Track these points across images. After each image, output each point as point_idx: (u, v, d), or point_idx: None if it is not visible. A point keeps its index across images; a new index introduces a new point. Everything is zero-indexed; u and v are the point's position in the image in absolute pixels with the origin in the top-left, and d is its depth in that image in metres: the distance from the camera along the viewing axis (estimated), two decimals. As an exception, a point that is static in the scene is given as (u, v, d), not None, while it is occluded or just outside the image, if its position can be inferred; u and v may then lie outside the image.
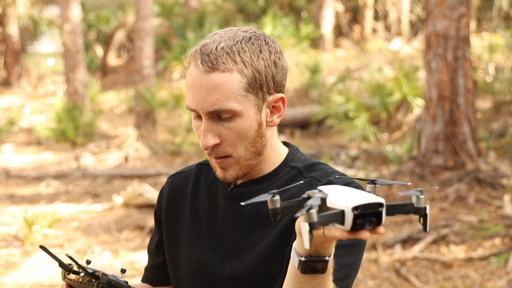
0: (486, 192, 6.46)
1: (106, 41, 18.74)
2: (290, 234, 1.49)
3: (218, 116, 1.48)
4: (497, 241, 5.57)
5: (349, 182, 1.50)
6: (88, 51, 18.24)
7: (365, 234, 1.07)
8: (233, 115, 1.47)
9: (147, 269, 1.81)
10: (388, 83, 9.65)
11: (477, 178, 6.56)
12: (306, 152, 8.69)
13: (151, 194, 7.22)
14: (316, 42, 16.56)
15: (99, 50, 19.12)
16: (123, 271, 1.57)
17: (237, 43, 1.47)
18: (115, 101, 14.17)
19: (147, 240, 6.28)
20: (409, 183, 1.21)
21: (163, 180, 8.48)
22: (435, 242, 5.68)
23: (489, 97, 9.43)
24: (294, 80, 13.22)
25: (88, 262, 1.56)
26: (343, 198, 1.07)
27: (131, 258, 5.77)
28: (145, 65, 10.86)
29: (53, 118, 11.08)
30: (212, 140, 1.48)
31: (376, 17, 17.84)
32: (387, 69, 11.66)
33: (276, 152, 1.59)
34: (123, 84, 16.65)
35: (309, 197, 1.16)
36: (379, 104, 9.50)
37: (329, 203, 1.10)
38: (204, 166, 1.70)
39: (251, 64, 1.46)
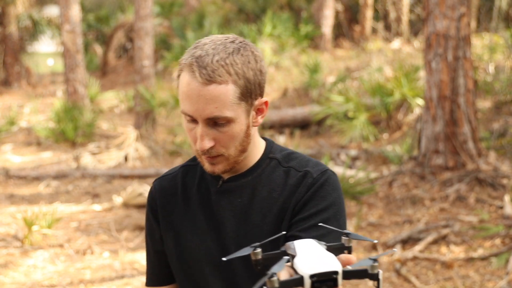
0: (486, 192, 6.45)
1: (105, 41, 18.73)
2: (282, 219, 1.68)
3: (213, 122, 1.63)
4: (498, 241, 5.57)
5: (324, 170, 1.70)
6: (88, 51, 18.24)
7: None
8: (228, 121, 1.63)
9: (155, 273, 1.91)
10: (388, 83, 9.63)
11: (478, 178, 6.55)
12: (306, 152, 8.68)
13: (151, 194, 7.21)
14: (316, 42, 16.55)
15: (98, 50, 19.11)
16: None
17: (229, 55, 1.61)
18: (114, 101, 14.16)
19: (147, 240, 6.27)
20: (375, 241, 1.31)
21: (163, 180, 8.47)
22: (435, 242, 5.67)
23: (490, 97, 9.43)
24: (294, 80, 13.21)
25: None
26: (304, 264, 1.22)
27: (130, 258, 5.76)
28: (145, 65, 10.85)
29: (53, 118, 11.07)
30: (208, 144, 1.64)
31: (376, 17, 17.84)
32: (387, 69, 11.65)
33: (257, 146, 1.76)
34: (123, 84, 16.64)
35: (285, 251, 1.30)
36: (379, 104, 9.49)
37: (294, 265, 1.24)
38: (189, 167, 1.85)
39: (243, 75, 1.62)
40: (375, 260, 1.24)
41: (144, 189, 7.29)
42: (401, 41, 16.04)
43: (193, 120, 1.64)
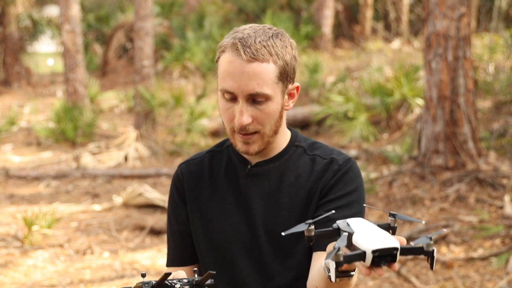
0: (486, 192, 6.45)
1: (105, 41, 18.72)
2: (310, 202, 1.81)
3: (253, 99, 1.74)
4: (498, 241, 5.57)
5: (348, 158, 1.84)
6: (88, 51, 18.23)
7: (380, 272, 1.29)
8: (266, 99, 1.74)
9: (178, 253, 1.96)
10: (388, 83, 9.63)
11: (478, 178, 6.55)
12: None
13: (151, 194, 7.21)
14: (316, 42, 16.55)
15: (98, 50, 19.11)
16: (143, 275, 1.64)
17: (269, 38, 1.74)
18: (114, 101, 14.15)
19: (147, 240, 6.27)
20: (423, 222, 1.38)
21: (163, 180, 8.47)
22: (435, 242, 5.67)
23: (490, 97, 9.42)
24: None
25: (143, 275, 1.62)
26: (365, 239, 1.30)
27: (130, 258, 5.76)
28: (145, 65, 10.84)
29: (53, 118, 11.07)
30: (247, 120, 1.74)
31: (376, 16, 17.83)
32: (387, 69, 11.65)
33: (284, 134, 1.86)
34: (123, 84, 16.63)
35: (338, 228, 1.39)
36: (379, 104, 9.49)
37: (354, 241, 1.32)
38: (215, 152, 1.94)
39: (282, 57, 1.75)
40: (430, 238, 1.32)
41: (144, 189, 7.29)
42: (401, 41, 16.03)
43: (232, 99, 1.75)
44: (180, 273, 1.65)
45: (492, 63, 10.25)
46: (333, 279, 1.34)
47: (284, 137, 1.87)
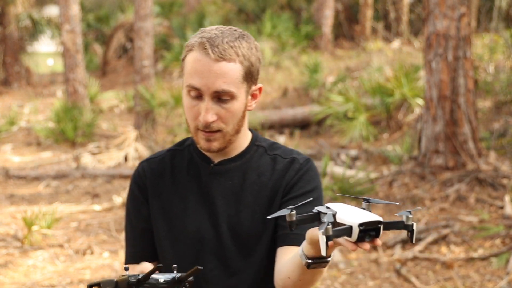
0: (486, 192, 6.45)
1: (105, 41, 18.72)
2: (273, 199, 1.86)
3: (218, 97, 1.79)
4: (498, 241, 5.56)
5: (307, 158, 1.91)
6: (88, 51, 18.22)
7: (366, 246, 1.37)
8: (231, 97, 1.79)
9: (138, 250, 1.97)
10: (388, 83, 9.62)
11: (478, 178, 6.54)
12: (306, 152, 8.67)
13: (151, 194, 7.20)
14: (316, 42, 16.54)
15: (98, 50, 19.10)
16: (126, 269, 1.67)
17: (236, 39, 1.79)
18: (114, 101, 14.15)
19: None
20: (397, 203, 1.53)
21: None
22: (435, 242, 5.67)
23: (490, 97, 9.42)
24: (294, 80, 13.20)
25: (126, 268, 1.66)
26: (350, 216, 1.37)
27: (130, 259, 5.75)
28: (145, 65, 10.84)
29: (53, 118, 11.06)
30: (212, 117, 1.79)
31: (377, 16, 17.83)
32: (387, 69, 11.65)
33: (245, 134, 1.92)
34: (123, 84, 16.63)
35: (318, 212, 1.45)
36: (379, 104, 9.48)
37: (338, 219, 1.39)
38: (176, 151, 1.97)
39: (248, 59, 1.80)
40: (410, 212, 1.40)
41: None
42: (401, 41, 16.03)
43: (198, 96, 1.80)
44: (145, 265, 1.69)
45: (492, 63, 10.24)
46: (323, 252, 1.38)
47: (245, 137, 1.92)
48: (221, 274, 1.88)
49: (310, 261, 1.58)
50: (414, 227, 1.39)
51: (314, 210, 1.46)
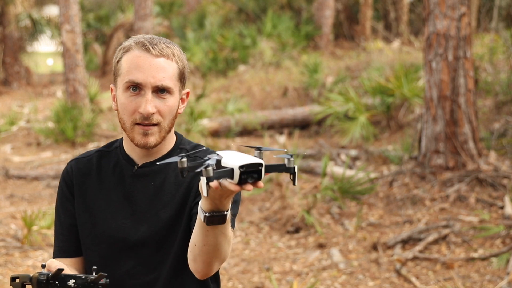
0: (487, 192, 6.44)
1: (105, 40, 18.72)
2: (188, 196, 1.96)
3: (157, 92, 1.91)
4: (498, 241, 5.56)
5: None
6: (88, 50, 18.22)
7: (249, 187, 1.44)
8: (169, 93, 1.93)
9: (65, 245, 2.07)
10: (388, 83, 9.62)
11: (478, 178, 6.54)
12: (306, 152, 8.67)
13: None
14: (316, 42, 16.54)
15: (98, 50, 19.10)
16: (43, 266, 1.80)
17: (170, 43, 1.98)
18: (114, 101, 14.12)
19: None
20: (285, 150, 1.51)
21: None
22: (435, 242, 5.66)
23: (490, 97, 9.41)
24: (294, 80, 13.20)
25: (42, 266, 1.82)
26: (233, 159, 1.42)
27: (130, 259, 5.75)
28: (144, 64, 10.83)
29: (53, 118, 11.06)
30: (152, 109, 1.90)
31: (377, 16, 17.83)
32: (387, 69, 11.64)
33: (171, 137, 2.03)
34: (123, 84, 16.61)
35: (208, 159, 1.49)
36: (379, 104, 9.48)
37: (222, 163, 1.45)
38: (104, 153, 2.08)
39: (182, 61, 1.97)
40: (291, 155, 1.46)
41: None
42: (401, 41, 16.03)
43: (137, 92, 1.92)
44: (54, 262, 1.79)
45: (492, 63, 10.23)
46: (204, 193, 1.45)
47: (172, 139, 2.04)
48: (143, 269, 1.99)
49: (207, 214, 1.62)
50: (296, 170, 1.44)
51: (206, 158, 1.49)
